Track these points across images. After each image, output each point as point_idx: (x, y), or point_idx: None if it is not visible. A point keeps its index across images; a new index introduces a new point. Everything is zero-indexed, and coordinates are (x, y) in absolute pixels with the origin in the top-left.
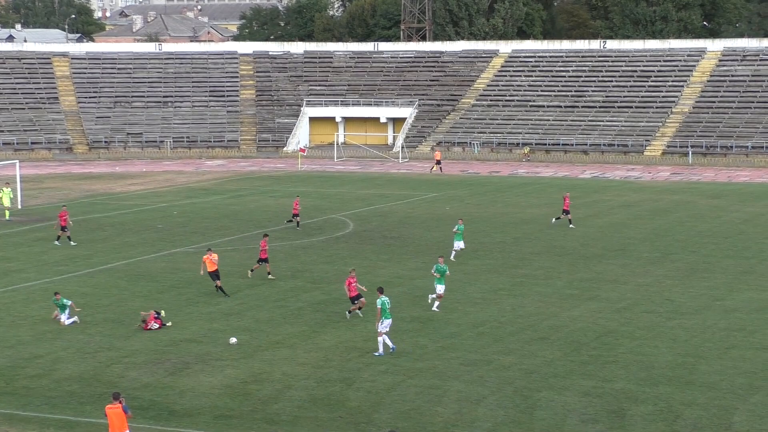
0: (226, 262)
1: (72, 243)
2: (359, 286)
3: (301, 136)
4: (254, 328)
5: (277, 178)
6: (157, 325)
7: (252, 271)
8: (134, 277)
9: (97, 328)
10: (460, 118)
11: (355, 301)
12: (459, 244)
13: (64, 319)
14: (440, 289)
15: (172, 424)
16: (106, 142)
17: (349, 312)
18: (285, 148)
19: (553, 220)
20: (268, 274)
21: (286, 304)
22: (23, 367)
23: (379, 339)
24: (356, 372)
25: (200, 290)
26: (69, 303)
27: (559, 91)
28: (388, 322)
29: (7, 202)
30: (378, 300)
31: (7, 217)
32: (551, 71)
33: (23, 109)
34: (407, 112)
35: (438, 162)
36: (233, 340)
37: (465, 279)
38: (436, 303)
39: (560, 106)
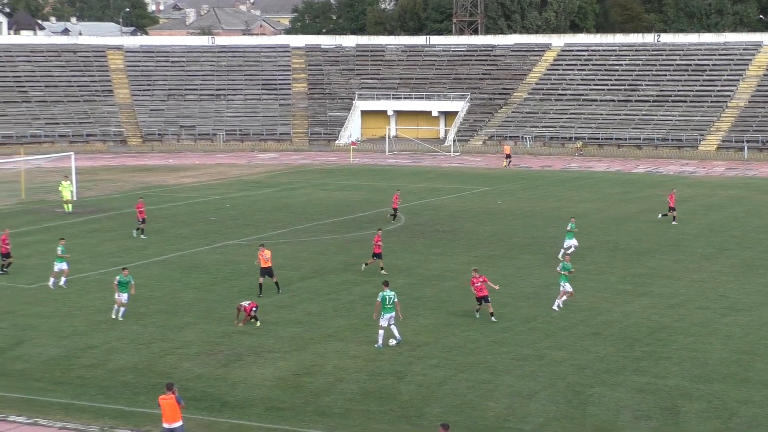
0: (277, 255)
1: (143, 236)
2: (491, 285)
3: (352, 130)
4: (306, 320)
5: (328, 171)
6: (249, 314)
7: (366, 264)
8: (187, 269)
9: (151, 319)
10: (512, 111)
11: (483, 302)
12: (571, 242)
13: (124, 298)
14: (568, 287)
15: (225, 415)
16: (159, 134)
17: (477, 311)
18: (336, 142)
19: (660, 216)
20: (381, 269)
21: (337, 297)
22: (78, 357)
23: (380, 332)
24: (408, 365)
25: (253, 283)
26: (132, 282)
27: (612, 85)
28: (388, 315)
29: (67, 195)
30: (380, 294)
31: (68, 210)
32: (604, 65)
33: (78, 101)
34: (459, 106)
35: (508, 156)
36: (393, 342)
37: (517, 274)
38: (563, 298)
39: (613, 100)
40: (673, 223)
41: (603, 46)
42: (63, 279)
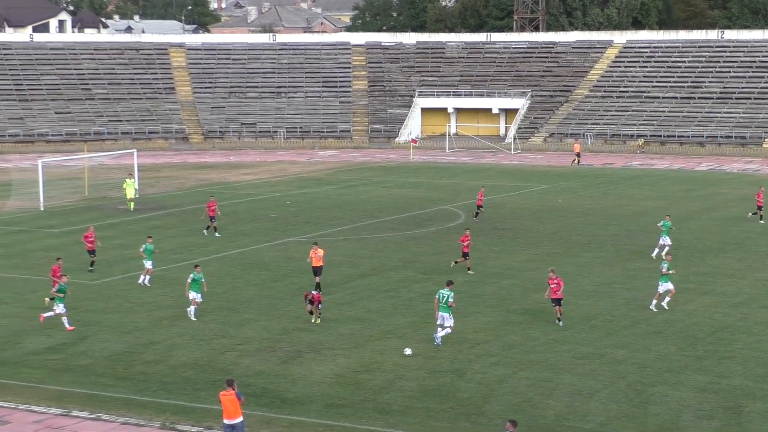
0: (337, 252)
1: (217, 234)
2: (561, 288)
3: (412, 127)
4: (365, 318)
5: (388, 168)
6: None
7: (456, 262)
8: (248, 266)
9: (212, 315)
10: (573, 109)
11: (555, 304)
12: (665, 240)
13: (198, 297)
14: (669, 285)
15: (285, 411)
16: (220, 131)
17: (559, 320)
18: (397, 139)
19: (749, 214)
20: (468, 269)
21: (397, 295)
22: (140, 352)
23: (437, 329)
24: (467, 363)
25: (313, 280)
26: (203, 280)
27: (674, 82)
28: (442, 315)
29: (131, 193)
30: (438, 291)
31: (131, 208)
32: (667, 62)
33: (141, 99)
34: (519, 103)
35: (578, 154)
36: (408, 351)
37: (578, 271)
38: (666, 299)
39: (676, 98)
40: (761, 222)
41: (666, 42)
42: (148, 277)
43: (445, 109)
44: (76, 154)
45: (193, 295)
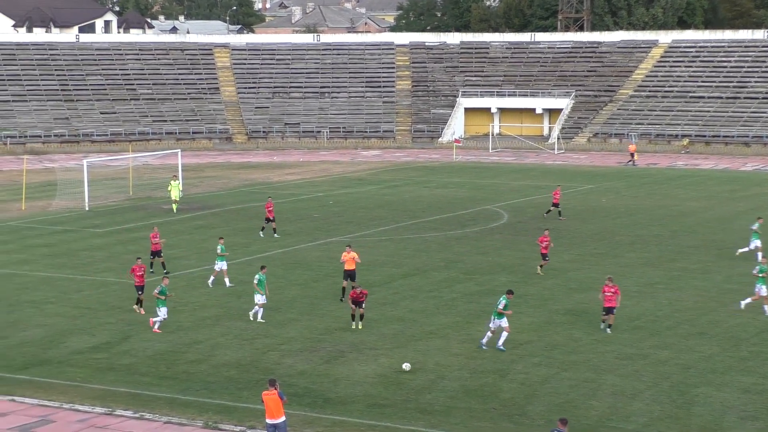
0: (380, 252)
1: (276, 235)
2: (618, 297)
3: (456, 127)
4: (408, 318)
5: (431, 168)
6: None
7: (541, 267)
8: (290, 266)
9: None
10: (618, 109)
11: (609, 312)
12: (756, 243)
13: (263, 299)
14: (763, 290)
15: (327, 411)
16: (264, 132)
17: (603, 322)
18: (440, 139)
19: None
20: (540, 266)
21: (439, 295)
22: (183, 352)
23: (488, 334)
24: (510, 364)
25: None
26: (265, 282)
27: (720, 82)
28: (494, 319)
29: (175, 195)
30: (504, 299)
31: (175, 210)
32: (712, 62)
33: (185, 99)
34: (563, 103)
35: (632, 154)
36: (407, 365)
37: (621, 272)
38: (748, 300)
39: (721, 97)
40: None
41: (711, 42)
42: (226, 279)
43: (489, 109)
44: (121, 154)
45: (258, 298)
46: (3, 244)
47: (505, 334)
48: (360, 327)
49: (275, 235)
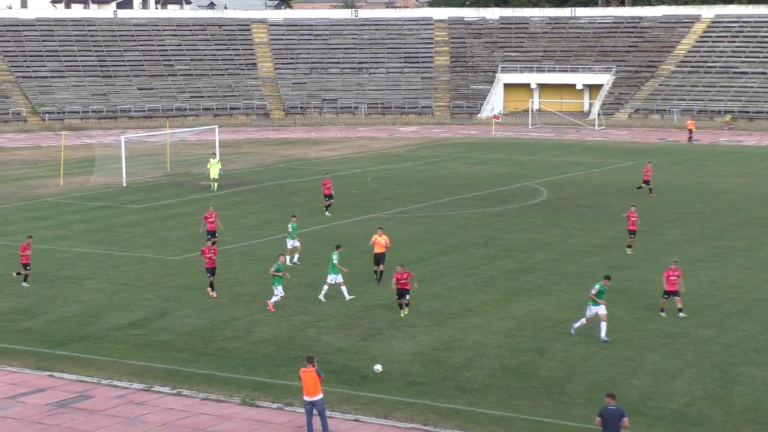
0: (418, 229)
1: (327, 213)
2: (680, 281)
3: (495, 103)
4: (446, 295)
5: (470, 144)
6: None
7: (629, 247)
8: (328, 242)
9: (292, 292)
10: (659, 84)
11: (670, 296)
12: None
13: (336, 278)
14: None
15: (365, 388)
16: (301, 107)
17: (663, 310)
18: (479, 115)
19: None
20: (628, 246)
21: (478, 272)
22: (221, 328)
23: (582, 321)
24: (549, 342)
25: (392, 257)
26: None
27: (764, 57)
28: (590, 306)
29: (214, 173)
30: (598, 284)
31: (214, 189)
32: (756, 37)
33: (222, 75)
34: (604, 79)
35: (690, 131)
36: (377, 367)
37: (662, 249)
38: None
39: (765, 73)
40: None
41: (755, 17)
42: (296, 256)
43: (528, 84)
44: (159, 130)
45: (332, 278)
46: (42, 219)
47: (603, 325)
48: (406, 312)
49: (326, 213)
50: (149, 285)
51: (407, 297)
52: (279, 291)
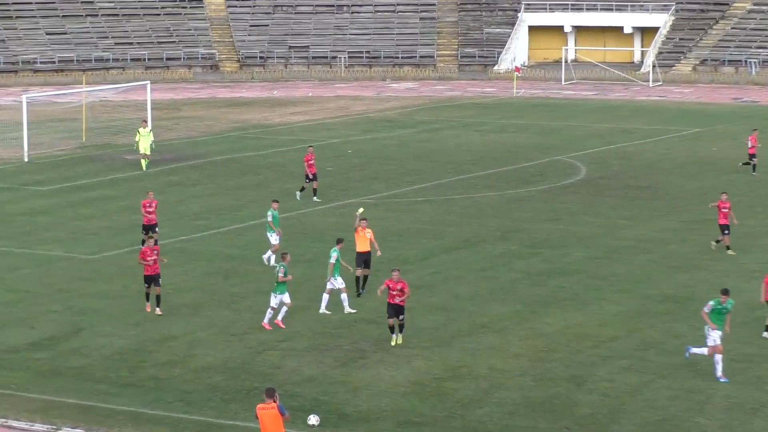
0: (415, 218)
1: (315, 198)
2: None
3: (517, 52)
4: (452, 306)
5: (484, 106)
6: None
7: (717, 242)
8: (296, 236)
9: (247, 302)
10: (732, 28)
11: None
12: None
13: (339, 283)
14: None
15: (343, 429)
16: (261, 58)
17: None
18: (496, 67)
19: None
20: (727, 248)
21: (494, 275)
22: (152, 351)
23: (703, 350)
24: (588, 368)
25: (381, 257)
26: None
27: None
28: (710, 333)
29: (145, 147)
30: (713, 302)
31: (144, 168)
32: None
33: (158, 15)
34: (660, 20)
35: None
36: (312, 420)
37: (738, 245)
38: None
39: None
40: None
41: None
42: (268, 253)
43: (561, 27)
44: (72, 87)
45: (338, 282)
46: None
47: (718, 358)
48: (400, 341)
49: (315, 198)
50: (58, 293)
51: (402, 317)
52: (280, 301)
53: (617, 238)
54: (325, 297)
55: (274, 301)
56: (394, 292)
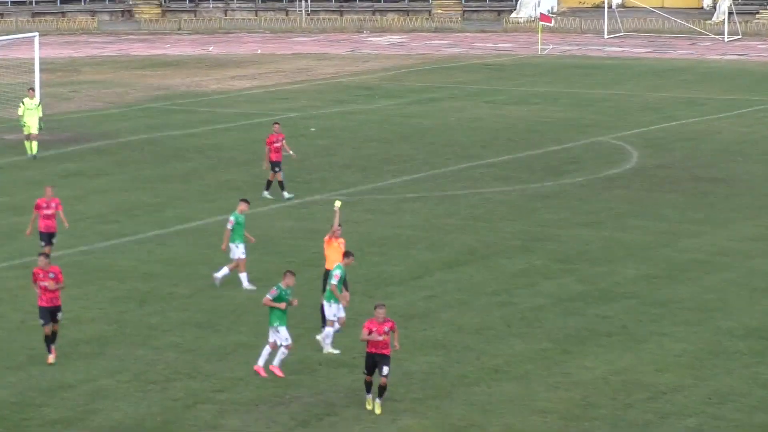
0: (402, 222)
1: (286, 194)
2: None
3: None
4: (454, 343)
5: (498, 67)
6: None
7: None
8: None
9: (170, 336)
10: None
11: None
12: None
13: (337, 311)
14: None
15: None
16: (192, 1)
17: None
18: (513, 15)
19: None
20: None
21: (511, 300)
22: (39, 405)
23: None
24: (642, 429)
25: (355, 277)
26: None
27: None
28: None
29: (31, 126)
30: None
31: (31, 153)
32: None
33: None
34: None
35: None
36: None
37: None
38: None
39: None
40: None
41: None
42: (244, 276)
43: None
44: None
45: (335, 311)
46: None
47: None
48: (378, 411)
49: (284, 193)
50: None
51: (386, 370)
52: (282, 337)
53: (681, 250)
54: (329, 332)
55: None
56: (380, 337)
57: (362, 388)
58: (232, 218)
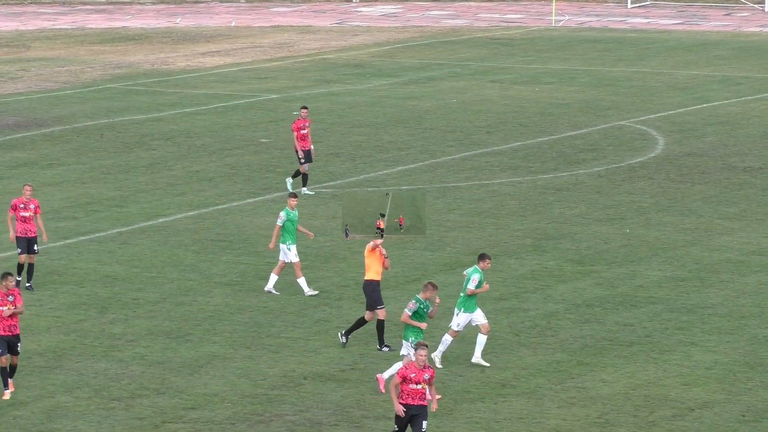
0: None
1: (306, 190)
2: None
3: None
4: (457, 354)
5: (507, 42)
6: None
7: None
8: (208, 245)
9: (137, 347)
10: None
11: None
12: None
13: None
14: None
15: None
16: None
17: None
18: None
19: None
20: None
21: (521, 306)
22: None
23: None
24: None
25: (346, 276)
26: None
27: None
28: None
29: None
30: None
31: None
32: None
33: None
34: None
35: None
36: None
37: None
38: None
39: None
40: None
41: None
42: (302, 281)
43: None
44: None
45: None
46: None
47: None
48: None
49: (304, 189)
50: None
51: (425, 425)
52: (408, 349)
53: (713, 249)
54: (437, 355)
55: (404, 349)
56: (418, 386)
57: (352, 405)
58: (282, 214)
